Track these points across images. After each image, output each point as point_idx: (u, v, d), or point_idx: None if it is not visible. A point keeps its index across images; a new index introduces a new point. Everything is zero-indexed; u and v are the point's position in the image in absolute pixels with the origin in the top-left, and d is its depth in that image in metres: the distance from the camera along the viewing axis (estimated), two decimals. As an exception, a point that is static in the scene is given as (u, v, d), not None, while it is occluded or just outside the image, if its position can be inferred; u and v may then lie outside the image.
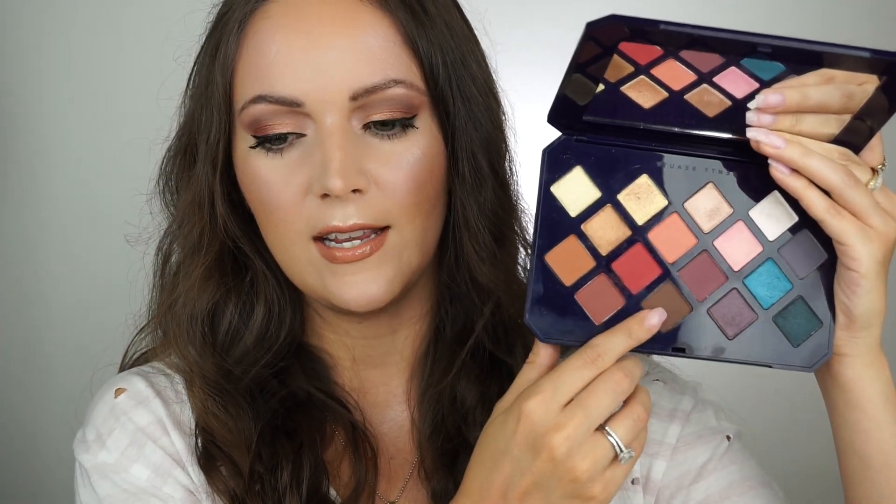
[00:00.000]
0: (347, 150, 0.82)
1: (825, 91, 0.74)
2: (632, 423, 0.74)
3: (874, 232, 0.74)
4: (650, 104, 0.77)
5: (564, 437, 0.72)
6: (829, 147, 0.75)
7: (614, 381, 0.73)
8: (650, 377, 0.97)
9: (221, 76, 0.86)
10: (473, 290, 0.91)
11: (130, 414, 0.89)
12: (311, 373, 0.93)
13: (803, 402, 0.94)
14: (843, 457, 0.81)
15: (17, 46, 1.90)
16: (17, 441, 1.94)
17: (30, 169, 1.93)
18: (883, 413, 0.78)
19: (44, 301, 1.94)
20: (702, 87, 0.77)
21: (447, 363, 0.93)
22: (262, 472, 0.87)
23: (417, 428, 0.93)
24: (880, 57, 0.69)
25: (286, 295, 0.93)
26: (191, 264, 0.91)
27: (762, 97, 0.74)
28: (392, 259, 0.85)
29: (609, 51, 0.71)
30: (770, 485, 0.93)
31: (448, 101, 0.87)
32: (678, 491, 0.91)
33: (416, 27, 0.85)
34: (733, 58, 0.73)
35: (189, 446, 0.89)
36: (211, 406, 0.89)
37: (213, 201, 0.89)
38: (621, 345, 0.74)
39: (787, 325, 0.78)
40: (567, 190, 0.79)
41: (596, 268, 0.78)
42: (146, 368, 0.94)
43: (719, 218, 0.79)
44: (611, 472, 0.74)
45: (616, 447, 0.74)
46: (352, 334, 0.93)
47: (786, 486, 0.95)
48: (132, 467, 0.88)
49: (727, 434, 0.94)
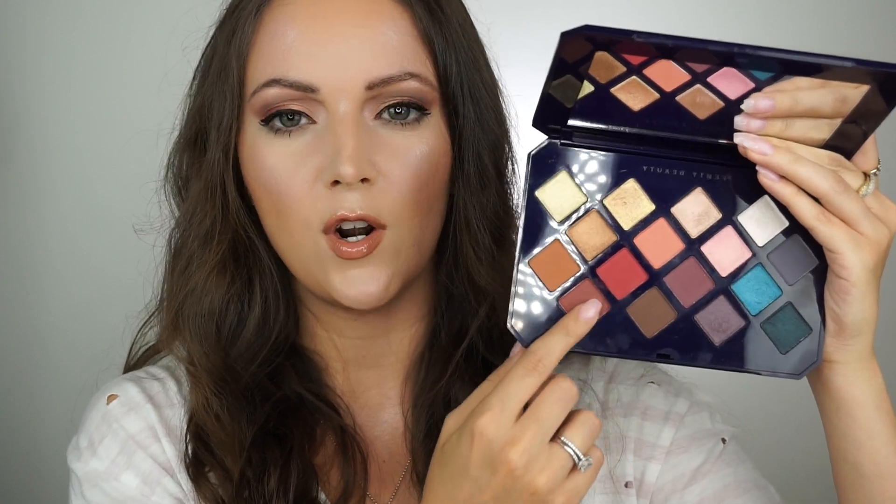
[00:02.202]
0: (359, 138, 0.82)
1: (818, 95, 0.72)
2: (587, 430, 0.74)
3: (865, 239, 0.72)
4: (640, 106, 0.76)
5: (521, 452, 0.72)
6: (819, 153, 0.74)
7: (562, 389, 0.73)
8: (644, 379, 0.96)
9: (236, 61, 0.86)
10: (471, 292, 0.91)
11: (122, 421, 0.89)
12: (303, 374, 0.93)
13: (801, 403, 0.92)
14: (836, 465, 0.80)
15: (18, 46, 1.90)
16: (18, 441, 1.95)
17: (31, 167, 1.93)
18: (874, 421, 0.77)
19: (45, 300, 1.95)
20: (695, 88, 0.75)
21: (442, 367, 0.92)
22: (250, 478, 0.87)
23: (411, 432, 0.93)
24: (868, 68, 0.67)
25: (280, 292, 0.93)
26: (203, 254, 0.90)
27: (752, 102, 0.72)
28: (389, 258, 0.85)
29: (587, 58, 0.70)
30: (765, 487, 0.92)
31: (458, 101, 0.87)
32: (672, 494, 0.91)
33: (433, 24, 0.86)
34: (715, 66, 0.72)
35: (180, 453, 0.89)
36: (213, 403, 0.89)
37: (224, 188, 0.89)
38: (560, 345, 0.74)
39: (776, 332, 0.77)
40: (552, 194, 0.78)
41: (581, 273, 0.77)
42: (139, 374, 0.94)
43: (707, 223, 0.78)
44: (572, 483, 0.74)
45: (574, 456, 0.73)
46: (346, 334, 0.93)
47: (783, 487, 0.94)
48: (122, 475, 0.88)
49: (722, 437, 0.93)
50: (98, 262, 1.89)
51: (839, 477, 0.81)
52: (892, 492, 0.78)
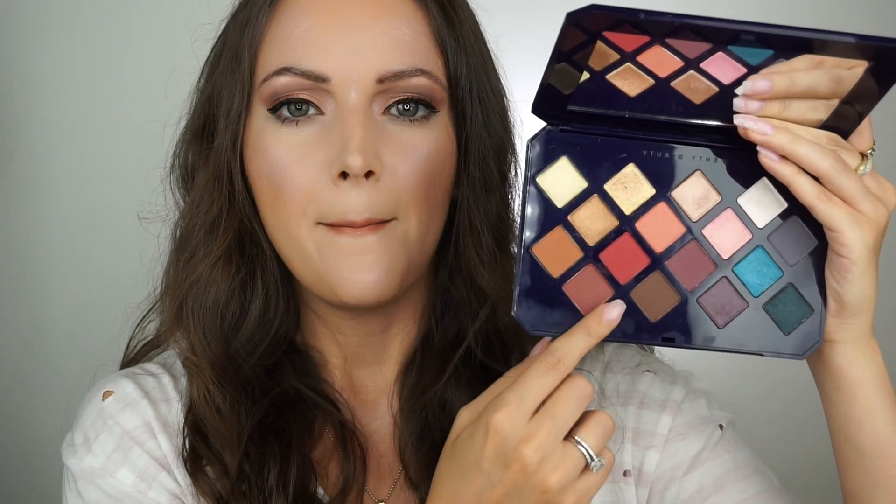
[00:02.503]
0: (368, 129, 0.82)
1: (814, 76, 0.73)
2: (601, 431, 0.74)
3: (864, 217, 0.73)
4: (636, 92, 0.76)
5: (535, 448, 0.72)
6: (817, 133, 0.74)
7: (578, 387, 0.73)
8: (641, 368, 0.96)
9: (248, 49, 0.86)
10: (472, 294, 0.91)
11: (118, 417, 0.88)
12: (302, 370, 0.93)
13: (802, 390, 0.93)
14: (836, 445, 0.81)
15: (17, 44, 1.88)
16: (17, 440, 1.94)
17: (32, 165, 1.91)
18: (875, 399, 0.77)
19: (45, 298, 1.94)
20: (689, 74, 0.76)
21: (437, 370, 0.92)
22: (248, 472, 0.86)
23: (400, 432, 0.92)
24: (866, 42, 0.68)
25: (281, 286, 0.92)
26: (209, 244, 0.90)
27: (750, 83, 0.73)
28: (393, 246, 0.84)
29: (592, 40, 0.70)
30: (764, 472, 0.92)
31: (466, 103, 0.88)
32: (672, 482, 0.91)
33: (446, 25, 0.87)
34: (720, 44, 0.72)
35: (176, 448, 0.88)
36: (214, 394, 0.88)
37: (231, 177, 0.88)
38: (581, 345, 0.74)
39: (778, 313, 0.77)
40: (553, 181, 0.78)
41: (583, 259, 0.77)
42: (135, 370, 0.93)
43: (707, 206, 0.78)
44: (583, 483, 0.74)
45: (587, 456, 0.73)
46: (344, 331, 0.93)
47: (785, 474, 0.95)
48: (118, 472, 0.87)
49: (720, 423, 0.93)
50: (98, 261, 1.88)
51: (840, 457, 0.81)
52: (893, 470, 0.79)
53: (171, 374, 0.92)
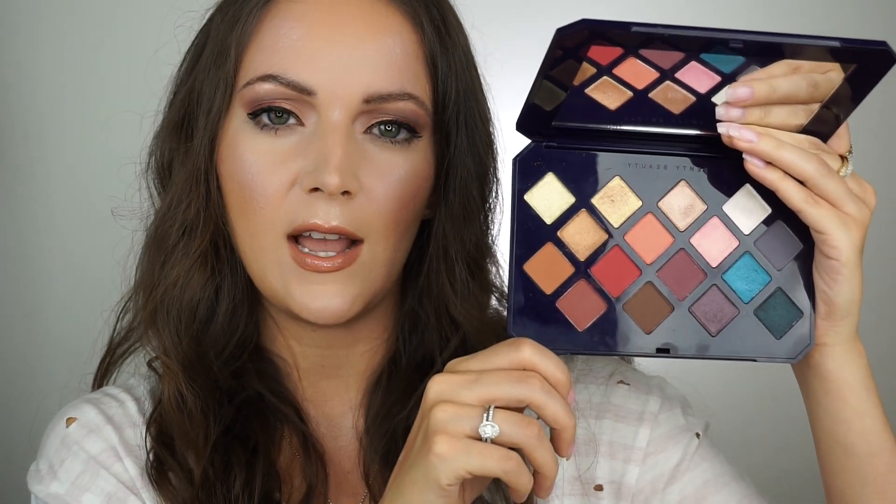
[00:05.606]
0: (348, 149, 0.81)
1: (792, 81, 0.73)
2: (517, 420, 0.69)
3: (850, 218, 0.74)
4: (616, 105, 0.77)
5: (443, 380, 0.70)
6: (799, 137, 0.75)
7: (520, 374, 0.70)
8: (614, 379, 0.95)
9: (235, 49, 0.84)
10: (443, 321, 0.90)
11: (82, 443, 0.87)
12: (265, 376, 0.91)
13: (784, 396, 0.94)
14: (823, 447, 0.81)
15: (13, 45, 1.84)
16: (17, 440, 1.88)
17: (28, 164, 1.87)
18: (864, 401, 0.78)
19: (40, 299, 1.90)
20: (665, 85, 0.76)
21: (402, 393, 0.90)
22: (213, 479, 0.84)
23: (365, 456, 0.90)
24: (850, 46, 0.69)
25: (246, 291, 0.90)
26: (186, 245, 0.88)
27: (731, 91, 0.73)
28: (360, 276, 0.83)
29: (579, 57, 0.70)
30: (742, 477, 0.92)
31: (451, 128, 0.87)
32: (653, 495, 0.90)
33: (440, 49, 0.85)
34: (693, 53, 0.73)
35: (142, 469, 0.86)
36: (185, 393, 0.86)
37: (208, 178, 0.86)
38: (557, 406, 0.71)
39: (769, 318, 0.78)
40: (541, 197, 0.77)
41: (575, 274, 0.77)
42: (96, 395, 0.91)
43: (694, 215, 0.78)
44: (464, 443, 0.68)
45: (484, 417, 0.69)
46: (305, 342, 0.91)
47: (760, 479, 0.95)
48: (83, 496, 0.85)
49: (696, 431, 0.93)
50: (93, 261, 1.83)
51: (827, 459, 0.82)
52: (881, 468, 0.80)
53: (134, 398, 0.90)
